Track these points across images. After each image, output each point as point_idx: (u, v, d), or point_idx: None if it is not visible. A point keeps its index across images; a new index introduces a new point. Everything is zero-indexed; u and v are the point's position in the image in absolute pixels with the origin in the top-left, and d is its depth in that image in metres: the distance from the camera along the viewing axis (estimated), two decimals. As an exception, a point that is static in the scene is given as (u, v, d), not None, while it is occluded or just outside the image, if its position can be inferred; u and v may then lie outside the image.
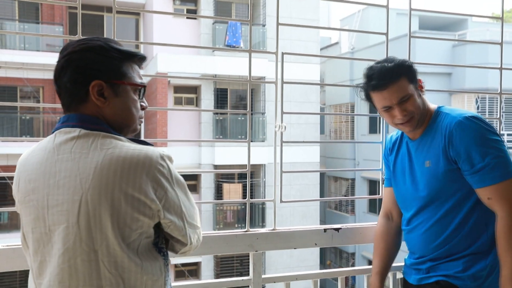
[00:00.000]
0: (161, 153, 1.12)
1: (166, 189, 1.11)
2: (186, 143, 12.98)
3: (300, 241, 1.82)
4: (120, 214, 1.07)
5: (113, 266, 1.07)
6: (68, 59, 1.12)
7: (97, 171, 1.06)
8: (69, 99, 1.14)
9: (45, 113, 13.11)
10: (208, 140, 2.97)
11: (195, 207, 1.23)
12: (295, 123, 13.48)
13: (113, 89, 1.15)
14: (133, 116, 1.19)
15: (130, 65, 1.18)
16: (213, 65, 12.62)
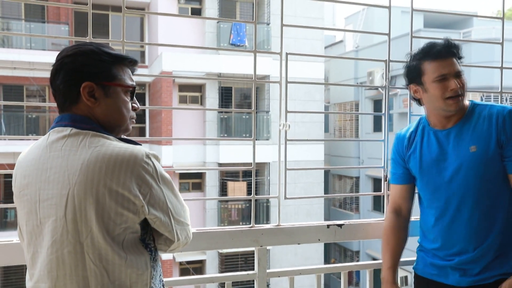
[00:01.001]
0: (146, 152, 1.17)
1: (151, 186, 1.16)
2: (191, 141, 13.04)
3: (303, 236, 1.86)
4: (105, 208, 1.12)
5: (97, 258, 1.13)
6: (62, 63, 1.20)
7: (84, 167, 1.12)
8: (62, 100, 1.21)
9: (51, 112, 13.20)
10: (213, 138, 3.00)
11: (183, 205, 1.28)
12: (300, 122, 13.51)
13: (104, 90, 1.21)
14: (124, 117, 1.25)
15: (121, 68, 1.24)
16: (218, 63, 12.67)
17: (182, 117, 13.15)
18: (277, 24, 12.81)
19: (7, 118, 12.73)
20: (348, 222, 1.93)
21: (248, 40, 13.26)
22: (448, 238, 1.68)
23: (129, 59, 1.26)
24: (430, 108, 1.72)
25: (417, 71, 1.68)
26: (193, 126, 13.35)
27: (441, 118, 1.71)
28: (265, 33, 13.45)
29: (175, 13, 13.48)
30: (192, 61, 12.50)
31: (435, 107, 1.68)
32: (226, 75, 13.19)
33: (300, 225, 1.87)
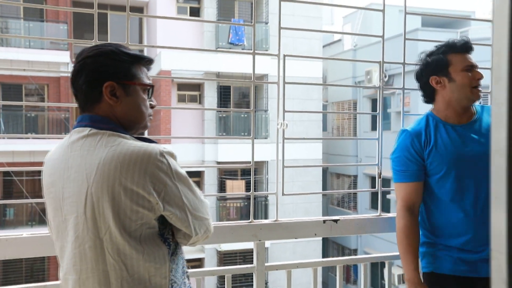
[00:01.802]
0: (161, 150, 1.20)
1: (165, 183, 1.19)
2: (189, 140, 13.09)
3: (300, 231, 1.93)
4: (120, 206, 1.16)
5: (116, 253, 1.18)
6: (83, 64, 1.24)
7: (100, 166, 1.16)
8: (84, 100, 1.26)
9: (50, 111, 13.23)
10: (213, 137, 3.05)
11: (201, 200, 1.30)
12: (298, 120, 13.58)
13: (124, 89, 1.26)
14: (143, 114, 1.30)
15: (139, 67, 1.29)
16: (217, 62, 12.72)
17: (181, 116, 13.20)
18: (275, 23, 12.87)
19: (5, 117, 12.76)
20: (343, 218, 2.00)
21: (247, 39, 13.32)
22: (480, 229, 1.70)
23: (146, 58, 1.31)
24: (452, 99, 1.76)
25: (444, 62, 1.75)
26: (191, 125, 13.40)
27: (459, 111, 1.77)
28: (263, 32, 13.51)
29: (173, 11, 13.52)
30: (191, 60, 12.55)
31: (460, 98, 1.74)
32: (224, 74, 13.25)
33: (298, 220, 1.94)
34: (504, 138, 0.62)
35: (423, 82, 1.82)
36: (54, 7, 1.46)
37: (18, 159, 12.62)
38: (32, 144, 12.74)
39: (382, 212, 2.10)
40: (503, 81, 0.62)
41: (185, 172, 1.26)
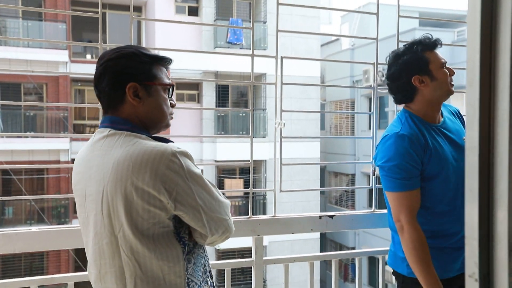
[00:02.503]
0: (174, 150, 1.21)
1: (176, 183, 1.19)
2: (188, 139, 13.15)
3: (297, 226, 2.00)
4: (133, 205, 1.19)
5: (129, 250, 1.21)
6: (105, 66, 1.28)
7: (115, 165, 1.20)
8: (108, 101, 1.30)
9: (48, 110, 13.27)
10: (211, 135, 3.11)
11: (219, 200, 1.29)
12: (296, 119, 13.66)
13: (146, 90, 1.29)
14: (165, 113, 1.33)
15: (159, 68, 1.33)
16: (215, 62, 12.78)
17: (179, 115, 13.24)
18: (273, 22, 12.93)
19: (4, 116, 12.79)
20: (338, 214, 2.07)
21: (245, 38, 13.38)
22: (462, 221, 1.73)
23: (166, 59, 1.34)
24: (434, 97, 1.73)
25: (424, 60, 1.73)
26: (190, 124, 13.47)
27: (437, 109, 1.77)
28: (261, 31, 13.57)
29: (172, 11, 13.57)
30: (189, 59, 12.60)
31: (441, 95, 1.74)
32: (223, 74, 13.31)
33: (294, 216, 2.02)
34: (477, 136, 0.69)
35: (403, 82, 1.75)
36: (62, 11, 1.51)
37: (17, 158, 12.66)
38: (31, 143, 12.79)
39: (376, 208, 2.17)
40: (475, 85, 0.69)
41: (200, 172, 1.26)
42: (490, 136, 0.69)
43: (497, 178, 0.68)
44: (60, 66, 13.17)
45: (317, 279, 14.17)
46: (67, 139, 12.83)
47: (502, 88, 0.67)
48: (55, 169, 13.34)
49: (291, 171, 13.33)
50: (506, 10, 0.64)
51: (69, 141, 12.89)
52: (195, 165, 1.27)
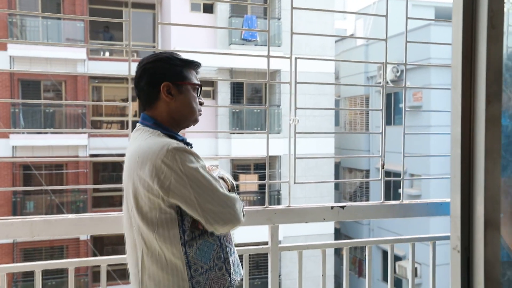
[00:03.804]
0: (172, 146, 1.37)
1: (170, 175, 1.35)
2: (203, 135, 13.34)
3: (310, 216, 2.14)
4: (137, 191, 1.39)
5: (137, 229, 1.42)
6: (144, 69, 1.49)
7: (130, 156, 1.43)
8: (146, 99, 1.51)
9: (67, 106, 13.58)
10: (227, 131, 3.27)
11: (217, 192, 1.40)
12: (310, 115, 13.75)
13: (178, 88, 1.49)
14: (193, 109, 1.54)
15: (190, 70, 1.54)
16: (230, 58, 12.92)
17: (195, 111, 13.42)
18: (288, 18, 13.02)
19: (25, 113, 13.13)
20: (349, 204, 2.21)
21: (260, 34, 13.50)
22: None
23: (195, 63, 1.56)
24: None
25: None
26: (205, 120, 13.65)
27: None
28: (276, 28, 13.67)
29: (187, 8, 13.73)
30: (204, 56, 12.76)
31: None
32: (238, 70, 13.46)
33: (308, 206, 2.16)
34: (459, 132, 0.82)
35: None
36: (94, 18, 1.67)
37: (38, 153, 13.00)
38: (51, 139, 13.11)
39: (385, 200, 2.30)
40: (458, 89, 0.82)
41: (200, 167, 1.40)
42: (471, 132, 0.82)
43: (476, 167, 0.82)
44: (78, 63, 13.46)
45: (331, 275, 14.28)
46: (85, 135, 13.13)
47: (480, 93, 0.80)
48: (74, 164, 13.66)
49: (306, 166, 13.45)
50: (482, 34, 0.78)
51: (87, 137, 13.18)
52: (196, 160, 1.41)
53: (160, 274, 1.41)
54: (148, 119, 1.50)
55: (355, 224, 17.32)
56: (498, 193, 0.86)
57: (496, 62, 0.81)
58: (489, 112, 0.81)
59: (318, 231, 13.70)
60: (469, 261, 0.83)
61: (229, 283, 1.50)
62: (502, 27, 0.84)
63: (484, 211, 0.82)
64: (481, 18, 0.79)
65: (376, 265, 15.74)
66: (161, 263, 1.41)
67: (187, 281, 1.41)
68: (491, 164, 0.82)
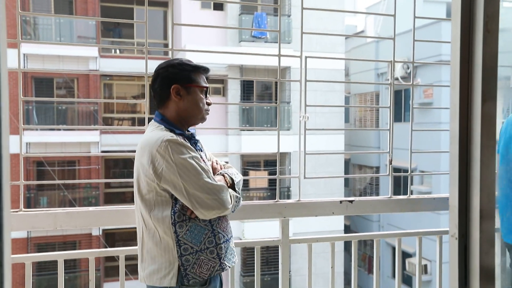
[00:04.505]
0: (167, 138, 1.59)
1: (162, 163, 1.57)
2: (213, 131, 13.43)
3: (320, 210, 2.21)
4: (140, 176, 1.63)
5: (138, 208, 1.67)
6: (158, 73, 1.73)
7: (137, 147, 1.67)
8: (159, 98, 1.73)
9: (79, 104, 13.74)
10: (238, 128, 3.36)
11: (203, 181, 1.59)
12: (320, 112, 13.78)
13: (186, 90, 1.71)
14: (200, 108, 1.75)
15: (198, 74, 1.76)
16: (240, 56, 12.98)
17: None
18: (297, 15, 13.04)
19: (38, 110, 13.32)
20: (358, 199, 2.27)
21: (270, 32, 13.54)
22: None
23: (203, 68, 1.78)
24: None
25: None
26: (215, 117, 13.73)
27: None
28: (285, 25, 13.70)
29: (197, 5, 13.81)
30: (215, 53, 12.84)
31: None
32: (248, 67, 13.52)
33: (317, 200, 2.23)
34: (457, 128, 0.89)
35: None
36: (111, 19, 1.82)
37: (51, 150, 13.20)
38: (63, 136, 13.30)
39: (393, 195, 2.36)
40: (456, 88, 0.89)
41: (189, 157, 1.59)
42: (468, 128, 0.89)
43: (473, 161, 0.88)
44: (90, 61, 13.61)
45: (340, 271, 14.32)
46: (97, 132, 13.29)
47: (476, 92, 0.87)
48: (86, 161, 13.84)
49: (316, 163, 13.49)
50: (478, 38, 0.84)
51: (99, 133, 13.34)
52: (187, 151, 1.60)
53: (155, 250, 1.62)
54: (158, 116, 1.73)
55: (365, 221, 17.33)
56: (493, 185, 0.92)
57: (491, 63, 0.88)
58: (485, 110, 0.88)
59: (328, 228, 13.74)
60: (466, 247, 0.90)
61: (219, 266, 1.67)
62: (497, 31, 0.90)
63: (479, 202, 0.89)
64: (477, 23, 0.86)
65: (386, 262, 15.75)
66: (155, 240, 1.62)
67: (177, 258, 1.61)
68: (487, 159, 0.88)
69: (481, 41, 0.85)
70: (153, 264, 1.63)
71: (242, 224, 12.98)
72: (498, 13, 0.88)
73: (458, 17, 0.88)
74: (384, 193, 16.52)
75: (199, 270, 1.62)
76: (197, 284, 1.63)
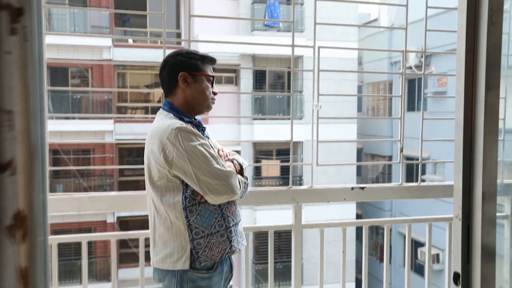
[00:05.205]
0: (177, 126, 1.64)
1: (172, 150, 1.62)
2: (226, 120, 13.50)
3: (331, 196, 2.28)
4: (150, 163, 1.69)
5: (149, 194, 1.73)
6: (166, 61, 1.79)
7: (147, 135, 1.72)
8: (166, 86, 1.79)
9: (93, 93, 13.91)
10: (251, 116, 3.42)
11: (212, 167, 1.64)
12: (333, 101, 13.75)
13: (193, 78, 1.77)
14: (206, 96, 1.81)
15: (205, 64, 1.81)
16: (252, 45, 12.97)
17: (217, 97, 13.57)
18: (310, 3, 12.98)
19: (53, 99, 13.51)
20: (369, 186, 2.33)
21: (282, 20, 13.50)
22: None
23: (210, 58, 1.83)
24: None
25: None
26: (228, 106, 13.79)
27: None
28: (298, 14, 13.64)
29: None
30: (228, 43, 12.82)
31: None
32: (260, 56, 13.52)
33: (329, 187, 2.29)
34: (462, 116, 0.94)
35: None
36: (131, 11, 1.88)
37: (66, 138, 13.41)
38: (78, 125, 13.49)
39: (404, 182, 2.42)
40: (461, 78, 0.94)
41: (199, 144, 1.64)
42: (472, 116, 0.94)
43: (476, 146, 0.94)
44: (104, 50, 13.74)
45: (352, 259, 14.40)
46: (112, 121, 13.45)
47: (480, 81, 0.92)
48: (101, 149, 14.04)
49: (328, 152, 13.51)
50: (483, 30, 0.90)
51: (113, 122, 13.51)
52: (196, 138, 1.65)
53: (167, 235, 1.68)
54: (166, 104, 1.79)
55: (377, 210, 17.34)
56: (495, 169, 0.98)
57: (495, 54, 0.93)
58: (488, 99, 0.93)
59: (340, 217, 13.81)
60: (469, 227, 0.96)
61: (229, 249, 1.74)
62: (501, 24, 0.95)
63: (482, 185, 0.94)
64: (482, 16, 0.91)
65: (398, 252, 15.78)
66: (167, 225, 1.68)
67: (189, 242, 1.67)
68: (489, 144, 0.94)
69: (485, 33, 0.90)
70: (165, 249, 1.68)
71: (254, 213, 13.10)
72: (502, 7, 0.92)
73: (464, 10, 0.93)
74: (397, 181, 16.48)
75: (210, 253, 1.69)
76: (205, 267, 1.69)
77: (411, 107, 15.91)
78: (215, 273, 1.72)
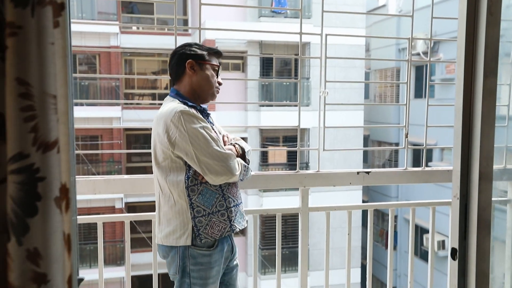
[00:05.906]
0: (180, 109, 1.74)
1: (175, 132, 1.72)
2: (233, 107, 13.55)
3: (338, 180, 2.34)
4: (156, 145, 1.79)
5: (155, 174, 1.84)
6: (175, 51, 1.93)
7: (154, 118, 1.81)
8: (174, 74, 1.92)
9: (101, 80, 13.99)
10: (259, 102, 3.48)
11: (212, 149, 1.75)
12: (340, 88, 13.74)
13: (200, 66, 1.89)
14: (211, 84, 1.92)
15: (211, 55, 1.93)
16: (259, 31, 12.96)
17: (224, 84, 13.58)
18: (318, -10, 12.90)
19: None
20: (374, 170, 2.39)
21: (289, 7, 13.44)
22: None
23: (216, 50, 1.98)
24: None
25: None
26: (234, 92, 13.83)
27: None
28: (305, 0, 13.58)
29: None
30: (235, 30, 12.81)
31: None
32: (267, 43, 13.51)
33: (335, 171, 2.35)
34: (461, 102, 1.00)
35: None
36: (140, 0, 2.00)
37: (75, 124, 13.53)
38: (86, 111, 13.59)
39: (409, 167, 2.47)
40: (461, 66, 0.99)
41: (200, 127, 1.75)
42: (471, 101, 1.00)
43: (474, 130, 1.00)
44: (111, 37, 13.77)
45: (358, 245, 14.51)
46: (119, 107, 13.54)
47: (479, 69, 0.97)
48: (108, 135, 14.16)
49: (335, 139, 13.54)
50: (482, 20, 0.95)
51: (120, 109, 13.60)
52: (198, 121, 1.76)
53: (170, 212, 1.80)
54: (173, 91, 1.91)
55: (383, 197, 17.40)
56: (491, 151, 1.04)
57: (494, 43, 0.98)
58: (486, 85, 0.99)
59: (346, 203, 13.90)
60: (466, 206, 1.02)
61: (229, 228, 1.85)
62: (499, 14, 1.00)
63: (479, 166, 1.00)
64: (481, 6, 0.96)
65: (404, 239, 15.87)
66: (170, 204, 1.79)
67: (191, 220, 1.78)
68: (486, 128, 1.00)
69: (484, 22, 0.95)
70: (169, 226, 1.80)
71: (261, 199, 13.21)
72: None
73: (464, 1, 0.98)
74: (403, 170, 16.50)
75: (211, 231, 1.79)
76: (206, 245, 1.80)
77: (419, 94, 15.85)
78: (215, 251, 1.82)
